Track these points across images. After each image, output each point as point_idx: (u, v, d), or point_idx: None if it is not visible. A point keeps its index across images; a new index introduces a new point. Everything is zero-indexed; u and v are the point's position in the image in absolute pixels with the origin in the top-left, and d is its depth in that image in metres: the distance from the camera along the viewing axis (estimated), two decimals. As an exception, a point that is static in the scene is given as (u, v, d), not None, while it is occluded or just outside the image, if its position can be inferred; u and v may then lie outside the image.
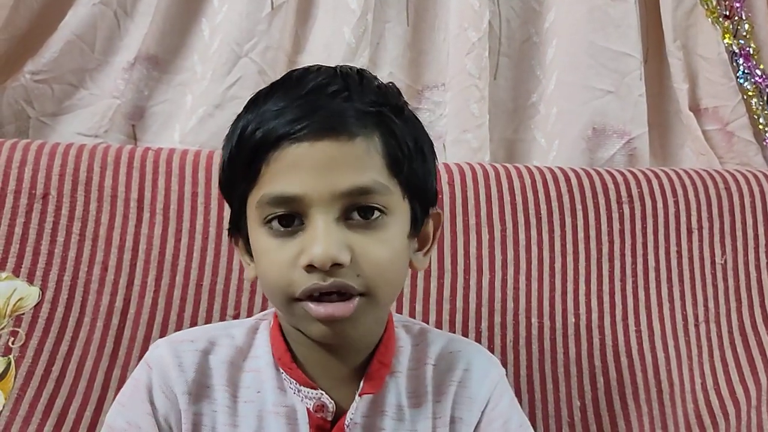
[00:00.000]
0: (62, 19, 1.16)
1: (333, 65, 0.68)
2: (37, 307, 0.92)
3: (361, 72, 0.68)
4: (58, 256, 0.94)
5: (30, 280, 0.92)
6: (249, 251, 0.69)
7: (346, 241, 0.61)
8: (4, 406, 0.87)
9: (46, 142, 1.02)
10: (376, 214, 0.63)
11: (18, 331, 0.91)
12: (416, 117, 0.70)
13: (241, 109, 1.20)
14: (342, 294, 0.61)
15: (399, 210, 0.65)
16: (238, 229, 0.69)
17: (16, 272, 0.92)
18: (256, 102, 0.67)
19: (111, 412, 0.69)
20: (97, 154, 1.00)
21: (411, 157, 0.66)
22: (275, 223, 0.63)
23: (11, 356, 0.90)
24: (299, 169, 0.61)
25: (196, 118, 1.17)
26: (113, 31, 1.19)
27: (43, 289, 0.92)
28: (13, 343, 0.90)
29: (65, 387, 0.90)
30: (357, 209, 0.62)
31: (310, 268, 0.60)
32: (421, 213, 0.69)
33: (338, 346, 0.68)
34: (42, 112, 1.17)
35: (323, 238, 0.60)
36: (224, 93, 1.17)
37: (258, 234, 0.64)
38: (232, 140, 0.66)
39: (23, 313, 0.91)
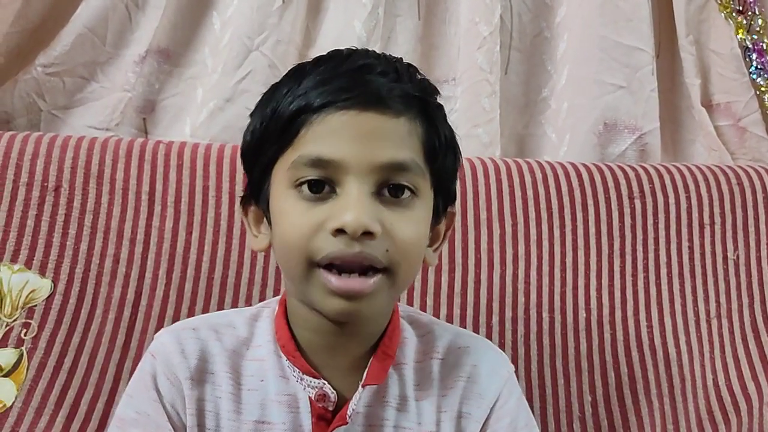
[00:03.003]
0: (74, 12, 1.16)
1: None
2: (49, 299, 0.92)
3: (405, 62, 0.69)
4: (70, 248, 0.94)
5: (42, 272, 0.93)
6: (259, 222, 0.69)
7: (377, 214, 0.61)
8: (16, 398, 0.88)
9: (57, 134, 1.02)
10: (407, 193, 0.63)
11: (30, 323, 0.91)
12: None
13: (251, 102, 1.19)
14: (363, 270, 0.61)
15: (427, 196, 0.66)
16: (257, 196, 0.69)
17: (28, 264, 0.93)
18: (300, 72, 0.67)
19: (120, 405, 0.70)
20: (109, 147, 1.00)
21: (445, 151, 0.68)
22: (305, 188, 0.62)
23: (23, 348, 0.90)
24: (341, 135, 0.62)
25: (206, 112, 1.17)
26: (124, 24, 1.19)
27: (55, 281, 0.93)
28: (25, 335, 0.90)
29: (77, 378, 0.90)
30: (389, 187, 0.63)
31: (338, 233, 0.60)
32: (441, 208, 0.70)
33: (346, 330, 0.67)
34: (53, 105, 1.18)
35: (357, 205, 0.60)
36: (235, 86, 1.17)
37: (284, 197, 0.63)
38: (270, 105, 0.66)
39: (35, 305, 0.92)
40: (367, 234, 0.60)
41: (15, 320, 0.91)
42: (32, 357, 0.90)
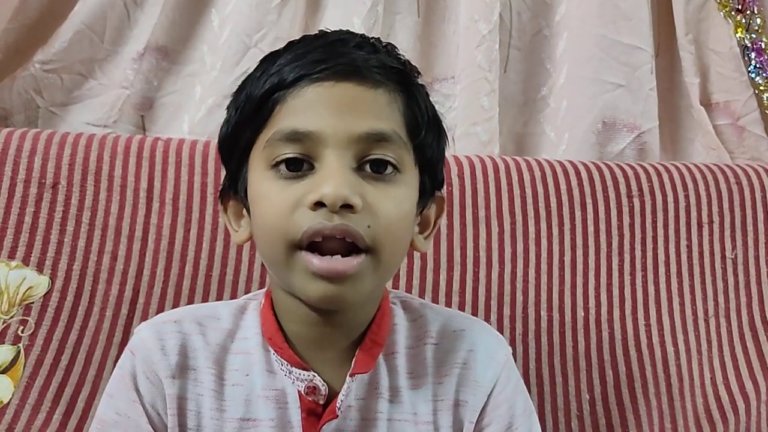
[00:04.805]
0: (72, 9, 1.16)
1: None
2: (47, 296, 0.92)
3: (383, 41, 0.67)
4: (67, 245, 0.94)
5: (40, 269, 0.93)
6: (239, 216, 0.67)
7: (358, 188, 0.58)
8: (13, 395, 0.88)
9: (55, 131, 1.02)
10: (390, 169, 0.61)
11: (27, 320, 0.91)
12: None
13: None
14: (345, 249, 0.58)
15: (411, 173, 0.63)
16: (235, 187, 0.66)
17: (26, 261, 0.93)
18: (273, 55, 0.65)
19: (101, 405, 0.67)
20: (107, 143, 1.00)
21: (428, 127, 0.65)
22: (282, 167, 0.60)
23: (20, 345, 0.90)
24: (317, 106, 0.59)
25: (205, 109, 1.17)
26: (123, 21, 1.19)
27: (52, 278, 0.92)
28: (22, 332, 0.90)
29: (74, 376, 0.90)
30: (370, 163, 0.60)
31: (317, 206, 0.57)
32: (429, 189, 0.67)
33: (332, 320, 0.64)
34: (51, 102, 1.17)
35: (336, 177, 0.57)
36: (233, 84, 1.15)
37: (262, 179, 0.61)
38: (244, 92, 0.64)
39: (33, 302, 0.91)
40: (347, 207, 0.57)
41: (12, 317, 0.91)
42: (29, 354, 0.89)
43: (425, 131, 0.65)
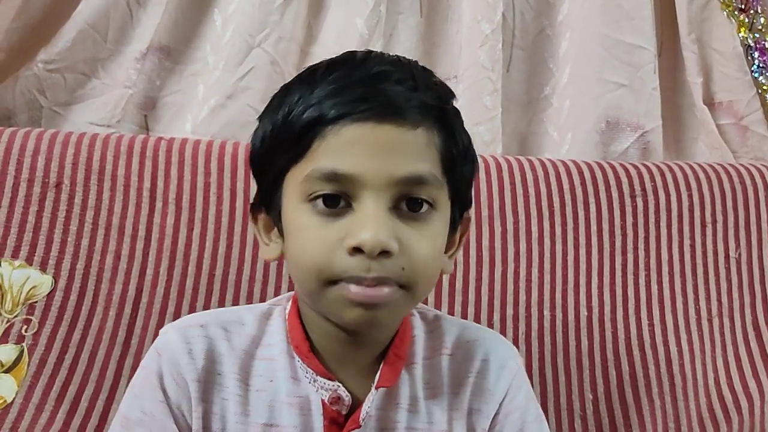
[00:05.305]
0: (75, 8, 1.16)
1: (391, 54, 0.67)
2: (50, 295, 0.92)
3: (420, 65, 0.66)
4: (71, 244, 0.94)
5: (43, 268, 0.93)
6: (270, 229, 0.68)
7: (395, 230, 0.59)
8: (17, 394, 0.88)
9: (59, 131, 1.02)
10: (425, 207, 0.62)
11: (31, 319, 0.91)
12: None
13: (253, 99, 1.18)
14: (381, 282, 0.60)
15: (444, 209, 0.64)
16: (267, 205, 0.67)
17: (29, 260, 0.93)
18: (312, 76, 0.64)
19: (125, 403, 0.68)
20: (110, 143, 1.00)
21: (463, 160, 0.66)
22: (320, 202, 0.60)
23: (24, 344, 0.90)
24: (358, 148, 0.60)
25: (207, 109, 1.17)
26: (126, 20, 1.19)
27: (56, 277, 0.93)
28: (26, 331, 0.90)
29: (78, 375, 0.90)
30: (407, 201, 0.61)
31: (356, 251, 0.58)
32: (458, 217, 0.68)
33: (359, 339, 0.66)
34: (54, 102, 1.17)
35: (375, 222, 0.58)
36: (236, 83, 1.17)
37: (298, 211, 0.62)
38: (281, 111, 0.63)
39: (36, 302, 0.91)
40: (384, 253, 0.59)
41: (16, 316, 0.91)
42: (33, 353, 0.89)
43: (460, 164, 0.65)
